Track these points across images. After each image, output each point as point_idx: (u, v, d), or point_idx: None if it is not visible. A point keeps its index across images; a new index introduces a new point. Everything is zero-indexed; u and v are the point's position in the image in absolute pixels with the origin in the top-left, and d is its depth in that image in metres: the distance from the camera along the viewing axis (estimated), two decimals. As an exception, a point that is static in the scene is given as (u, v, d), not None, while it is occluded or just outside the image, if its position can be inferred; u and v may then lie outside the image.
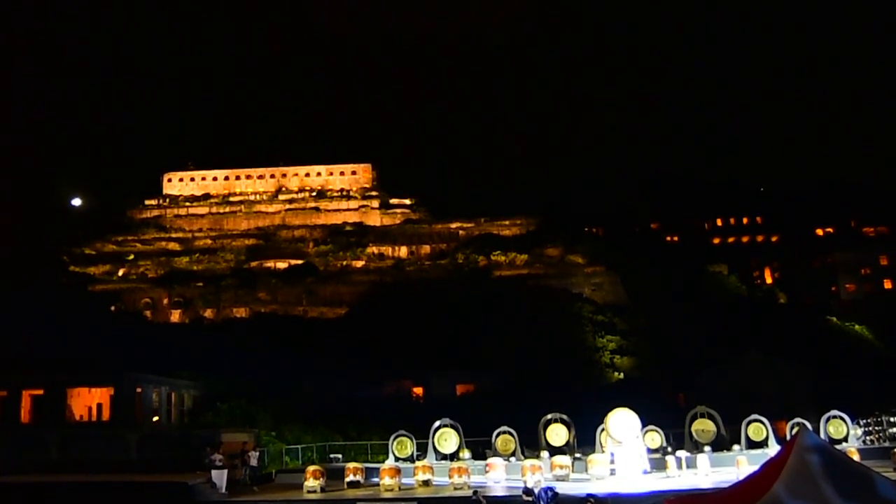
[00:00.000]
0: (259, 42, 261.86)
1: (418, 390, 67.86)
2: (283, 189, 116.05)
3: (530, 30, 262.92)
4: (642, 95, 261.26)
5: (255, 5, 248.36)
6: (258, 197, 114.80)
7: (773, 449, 32.22)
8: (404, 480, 30.32)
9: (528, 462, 30.83)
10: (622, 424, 31.98)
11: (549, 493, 19.99)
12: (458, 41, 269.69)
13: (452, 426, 35.32)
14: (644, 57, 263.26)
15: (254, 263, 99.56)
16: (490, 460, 32.16)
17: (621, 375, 73.26)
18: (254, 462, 32.95)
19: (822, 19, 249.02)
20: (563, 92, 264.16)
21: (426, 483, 30.54)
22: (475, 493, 23.03)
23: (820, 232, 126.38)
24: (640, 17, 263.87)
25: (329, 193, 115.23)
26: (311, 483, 29.23)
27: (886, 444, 36.57)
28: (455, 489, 28.74)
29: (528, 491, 21.08)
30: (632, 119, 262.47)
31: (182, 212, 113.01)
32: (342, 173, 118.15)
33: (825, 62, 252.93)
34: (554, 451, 34.48)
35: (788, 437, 31.27)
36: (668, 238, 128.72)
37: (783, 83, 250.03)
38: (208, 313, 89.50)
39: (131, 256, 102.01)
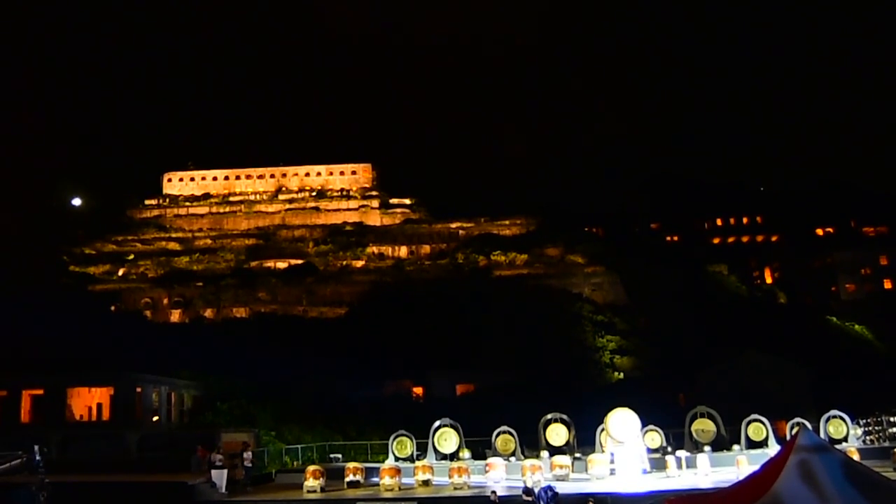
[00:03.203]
0: (259, 42, 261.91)
1: (418, 390, 67.86)
2: (283, 189, 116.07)
3: (531, 30, 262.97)
4: (642, 95, 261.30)
5: (255, 6, 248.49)
6: (258, 197, 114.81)
7: (773, 449, 32.23)
8: (404, 480, 30.32)
9: (528, 462, 30.83)
10: (622, 424, 31.96)
11: (549, 493, 20.00)
12: (458, 41, 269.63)
13: (452, 426, 35.32)
14: (644, 57, 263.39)
15: (254, 263, 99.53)
16: (490, 460, 32.15)
17: (621, 375, 73.27)
18: (248, 462, 32.90)
19: (822, 19, 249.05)
20: (563, 92, 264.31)
21: (426, 483, 30.53)
22: (493, 492, 22.77)
23: (820, 232, 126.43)
24: (641, 18, 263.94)
25: (329, 193, 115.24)
26: (310, 483, 29.23)
27: (886, 443, 36.56)
28: (455, 489, 28.73)
29: (528, 491, 21.09)
30: (632, 119, 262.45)
31: (182, 212, 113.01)
32: (342, 173, 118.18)
33: (825, 62, 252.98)
34: (554, 450, 34.49)
35: (788, 437, 31.25)
36: (668, 238, 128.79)
37: (783, 83, 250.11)
38: (208, 313, 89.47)
39: (131, 256, 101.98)
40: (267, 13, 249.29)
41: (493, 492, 23.28)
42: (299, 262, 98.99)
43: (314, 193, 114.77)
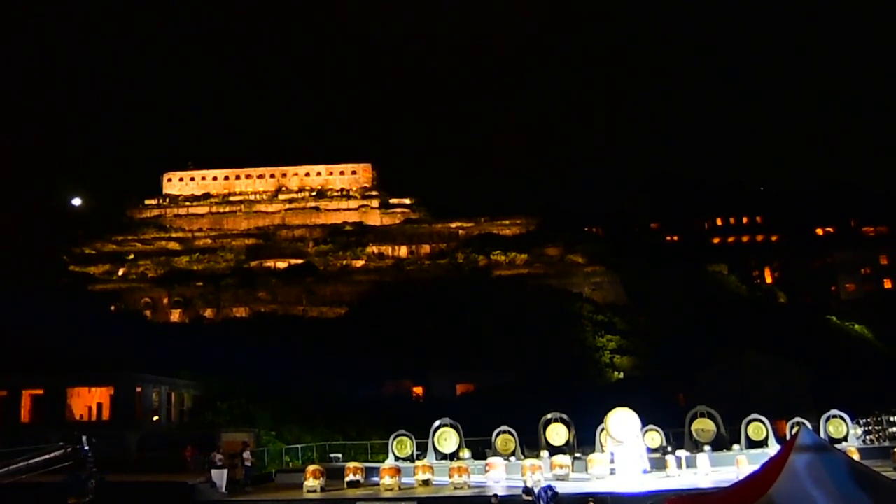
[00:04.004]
0: (259, 42, 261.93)
1: (418, 390, 67.91)
2: (283, 189, 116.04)
3: (531, 30, 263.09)
4: (642, 95, 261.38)
5: (254, 6, 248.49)
6: (258, 196, 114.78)
7: (773, 448, 32.20)
8: (404, 480, 30.29)
9: (528, 462, 30.81)
10: (622, 424, 31.93)
11: (549, 493, 19.97)
12: (459, 41, 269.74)
13: (452, 426, 35.29)
14: (644, 57, 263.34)
15: (254, 263, 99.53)
16: (490, 460, 32.13)
17: (621, 375, 73.27)
18: (247, 462, 32.85)
19: (823, 19, 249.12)
20: (563, 92, 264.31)
21: (426, 483, 30.51)
22: (495, 496, 22.64)
23: (820, 232, 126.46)
24: (641, 18, 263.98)
25: (329, 193, 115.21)
26: (310, 483, 29.20)
27: (886, 443, 36.55)
28: (455, 489, 28.71)
29: (527, 490, 21.04)
30: (632, 119, 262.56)
31: (182, 211, 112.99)
32: (342, 173, 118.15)
33: (825, 62, 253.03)
34: (554, 450, 34.46)
35: (788, 437, 31.24)
36: (668, 238, 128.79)
37: (783, 83, 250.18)
38: (208, 313, 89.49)
39: (131, 256, 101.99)
40: (267, 14, 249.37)
41: (495, 495, 23.16)
42: (299, 261, 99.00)
43: (314, 193, 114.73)
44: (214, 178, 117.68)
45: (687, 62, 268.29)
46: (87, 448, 19.54)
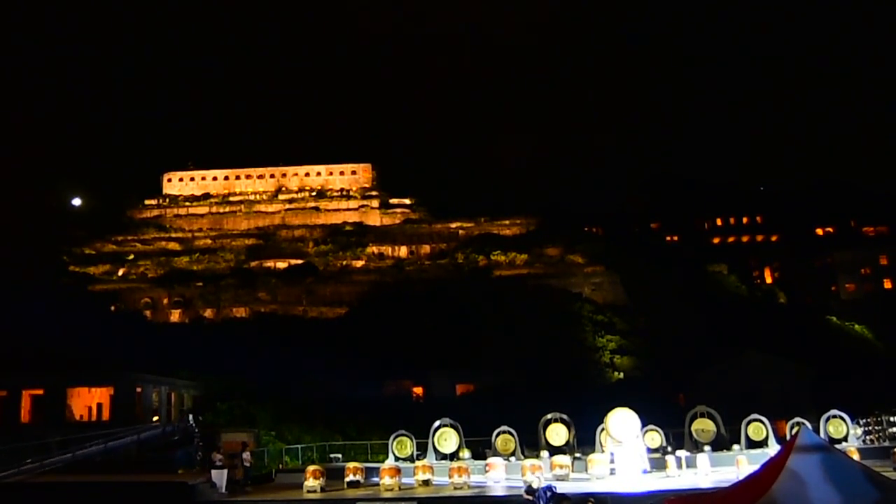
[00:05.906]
0: (259, 42, 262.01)
1: (418, 390, 67.92)
2: (283, 189, 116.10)
3: (531, 30, 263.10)
4: (643, 95, 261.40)
5: (254, 6, 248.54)
6: (258, 197, 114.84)
7: (773, 448, 32.17)
8: (404, 480, 30.26)
9: (528, 462, 30.78)
10: (622, 424, 31.90)
11: (549, 493, 19.92)
12: (458, 41, 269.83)
13: (452, 426, 35.26)
14: (644, 57, 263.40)
15: (254, 263, 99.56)
16: (490, 460, 32.09)
17: (621, 375, 73.30)
18: (246, 462, 32.81)
19: (822, 19, 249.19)
20: (563, 92, 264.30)
21: (426, 483, 30.49)
22: (530, 486, 22.06)
23: (820, 232, 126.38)
24: (641, 18, 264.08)
25: (329, 193, 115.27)
26: (310, 483, 29.17)
27: (886, 443, 36.50)
28: (455, 489, 28.70)
29: (529, 490, 20.98)
30: (632, 119, 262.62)
31: (182, 212, 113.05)
32: (342, 173, 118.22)
33: (825, 62, 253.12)
34: (554, 450, 34.42)
35: (788, 437, 31.23)
36: (668, 238, 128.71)
37: (783, 83, 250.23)
38: (208, 313, 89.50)
39: (131, 256, 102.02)
40: (266, 14, 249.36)
41: (530, 486, 22.65)
42: (299, 262, 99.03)
43: (314, 193, 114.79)
44: (214, 179, 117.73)
45: (687, 62, 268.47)
46: (192, 424, 20.80)
